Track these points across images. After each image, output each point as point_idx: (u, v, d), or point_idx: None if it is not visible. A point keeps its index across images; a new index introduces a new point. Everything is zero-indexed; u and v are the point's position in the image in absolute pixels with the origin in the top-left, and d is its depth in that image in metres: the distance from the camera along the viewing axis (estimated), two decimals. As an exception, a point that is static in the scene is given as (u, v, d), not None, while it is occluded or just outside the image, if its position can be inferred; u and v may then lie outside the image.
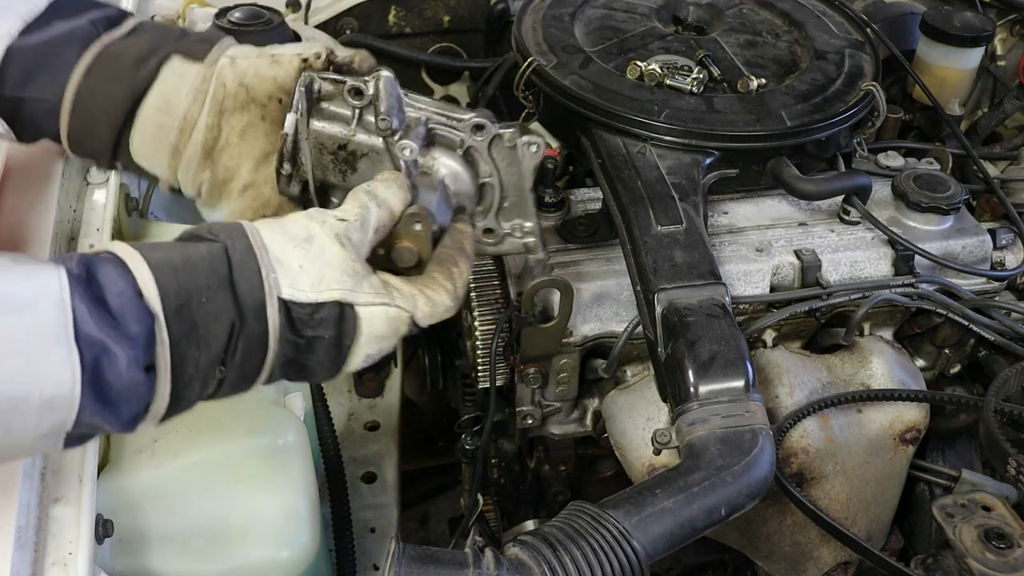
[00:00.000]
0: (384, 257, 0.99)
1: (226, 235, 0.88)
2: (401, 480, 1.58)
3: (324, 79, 1.07)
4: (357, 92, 1.06)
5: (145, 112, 1.12)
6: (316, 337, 0.90)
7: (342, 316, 0.90)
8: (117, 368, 0.79)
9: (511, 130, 1.08)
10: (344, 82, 1.06)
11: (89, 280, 0.81)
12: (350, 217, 0.94)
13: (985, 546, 1.03)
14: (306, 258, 0.89)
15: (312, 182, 1.09)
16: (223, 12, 1.64)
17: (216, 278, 0.85)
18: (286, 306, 0.88)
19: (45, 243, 1.18)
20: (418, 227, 0.99)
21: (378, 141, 1.08)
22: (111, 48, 1.12)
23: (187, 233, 0.90)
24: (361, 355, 0.93)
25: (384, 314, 0.92)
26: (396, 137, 1.06)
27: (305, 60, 1.10)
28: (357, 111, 1.07)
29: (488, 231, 1.13)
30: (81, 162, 1.22)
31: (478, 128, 1.07)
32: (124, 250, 0.84)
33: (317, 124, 1.08)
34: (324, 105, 1.08)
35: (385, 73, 1.05)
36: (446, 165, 1.09)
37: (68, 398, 0.78)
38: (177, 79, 1.12)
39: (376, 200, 0.97)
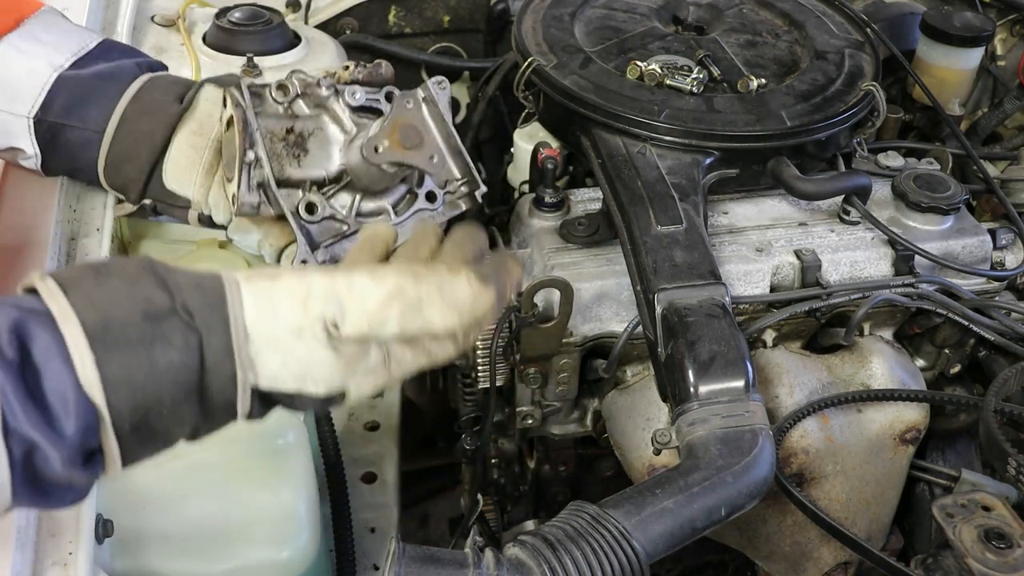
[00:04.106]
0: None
1: (203, 319, 0.76)
2: (401, 480, 1.57)
3: (251, 85, 1.15)
4: (282, 88, 1.14)
5: (180, 136, 1.17)
6: (296, 407, 0.84)
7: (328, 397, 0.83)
8: (51, 466, 0.72)
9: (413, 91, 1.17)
10: (267, 85, 1.15)
11: (23, 365, 0.71)
12: (357, 315, 0.81)
13: (985, 546, 1.03)
14: (290, 357, 0.79)
15: (271, 174, 1.12)
16: (223, 12, 1.64)
17: (183, 389, 0.76)
18: (261, 392, 0.80)
19: (45, 243, 1.18)
20: (410, 105, 1.11)
21: (319, 113, 1.15)
22: (156, 80, 1.19)
23: (158, 310, 0.76)
24: (344, 407, 0.86)
25: (373, 385, 0.85)
26: (331, 96, 1.15)
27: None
28: (287, 105, 1.14)
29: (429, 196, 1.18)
30: (111, 194, 1.23)
31: (389, 96, 1.14)
32: (72, 339, 0.72)
33: (261, 120, 1.14)
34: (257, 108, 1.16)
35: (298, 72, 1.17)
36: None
37: None
38: (210, 105, 1.18)
39: (417, 314, 0.82)
